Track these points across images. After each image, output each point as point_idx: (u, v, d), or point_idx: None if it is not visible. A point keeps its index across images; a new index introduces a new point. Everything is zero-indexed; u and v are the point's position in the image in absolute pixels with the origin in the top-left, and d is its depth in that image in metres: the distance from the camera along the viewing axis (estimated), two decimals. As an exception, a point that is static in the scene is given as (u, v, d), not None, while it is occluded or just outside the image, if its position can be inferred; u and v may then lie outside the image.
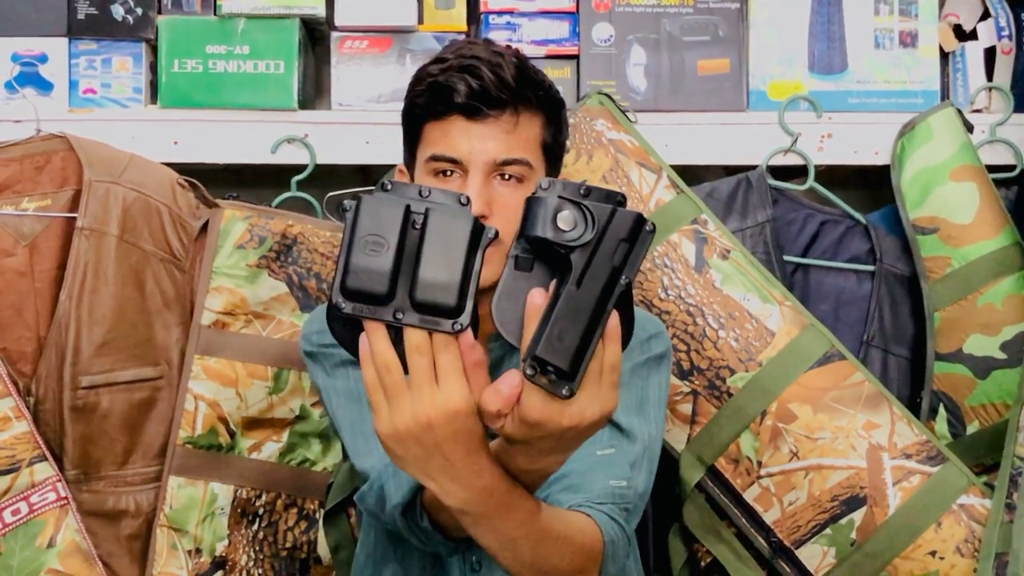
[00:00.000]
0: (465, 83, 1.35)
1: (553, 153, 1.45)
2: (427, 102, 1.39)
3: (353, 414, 1.41)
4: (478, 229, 1.00)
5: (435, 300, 0.98)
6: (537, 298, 1.00)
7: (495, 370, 1.42)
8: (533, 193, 1.02)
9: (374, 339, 1.00)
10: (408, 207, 0.99)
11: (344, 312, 0.99)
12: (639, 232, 1.01)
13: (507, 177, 1.38)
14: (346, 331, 1.04)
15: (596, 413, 1.01)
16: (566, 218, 0.99)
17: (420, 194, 1.01)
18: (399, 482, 1.24)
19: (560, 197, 1.00)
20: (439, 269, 0.98)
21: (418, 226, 1.00)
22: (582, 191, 1.02)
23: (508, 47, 1.42)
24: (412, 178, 1.45)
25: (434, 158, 1.39)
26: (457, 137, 1.37)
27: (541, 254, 1.02)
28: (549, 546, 1.14)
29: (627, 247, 1.00)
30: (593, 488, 1.28)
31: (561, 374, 0.98)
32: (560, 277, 1.00)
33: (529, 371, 0.98)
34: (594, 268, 0.99)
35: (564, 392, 0.98)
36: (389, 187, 1.02)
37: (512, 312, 1.03)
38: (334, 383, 1.45)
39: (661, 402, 1.47)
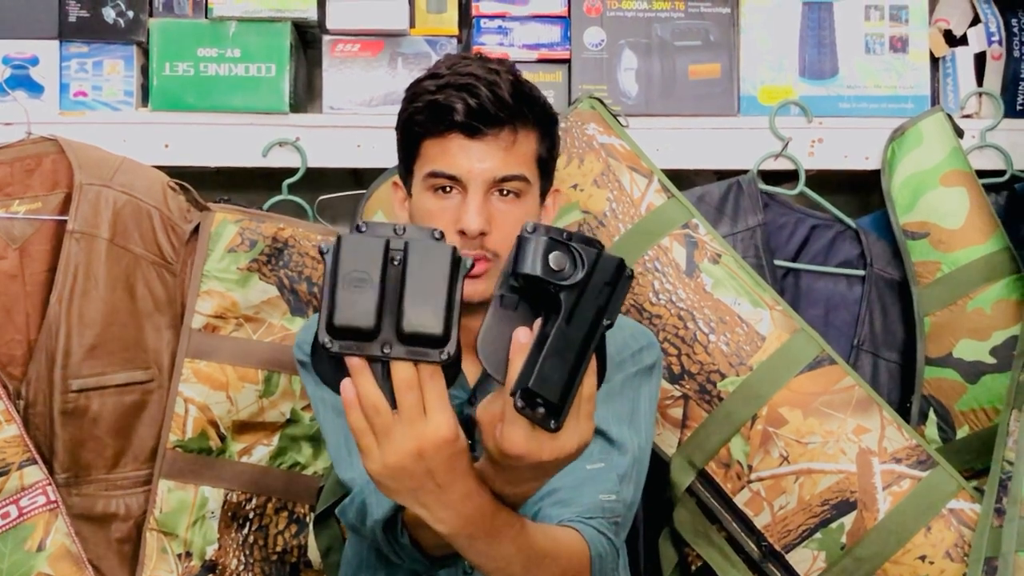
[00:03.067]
0: (463, 102, 1.36)
1: (548, 167, 1.47)
2: (425, 120, 1.40)
3: (339, 426, 1.42)
4: (456, 259, 1.02)
5: (422, 330, 1.00)
6: (523, 336, 1.02)
7: (481, 386, 1.45)
8: (520, 234, 1.04)
9: (360, 381, 1.01)
10: (387, 243, 1.01)
11: (332, 351, 1.00)
12: (620, 276, 1.04)
13: (505, 193, 1.40)
14: (332, 371, 1.05)
15: (575, 444, 1.03)
16: (557, 258, 1.02)
17: (395, 231, 1.03)
18: (380, 498, 1.25)
19: (548, 235, 1.03)
20: (423, 300, 1.00)
21: (398, 261, 1.01)
22: (565, 236, 1.04)
23: (501, 62, 1.43)
24: (409, 192, 1.46)
25: (433, 174, 1.40)
26: (456, 155, 1.38)
27: (526, 294, 1.05)
28: (539, 564, 1.16)
29: (610, 290, 1.03)
30: (582, 503, 1.30)
31: (550, 408, 1.00)
32: (546, 316, 1.03)
33: (520, 404, 1.00)
34: (582, 307, 1.02)
35: (552, 425, 1.01)
36: (364, 228, 1.04)
37: (497, 349, 1.05)
38: (322, 394, 1.46)
39: (651, 413, 1.49)
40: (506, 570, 1.14)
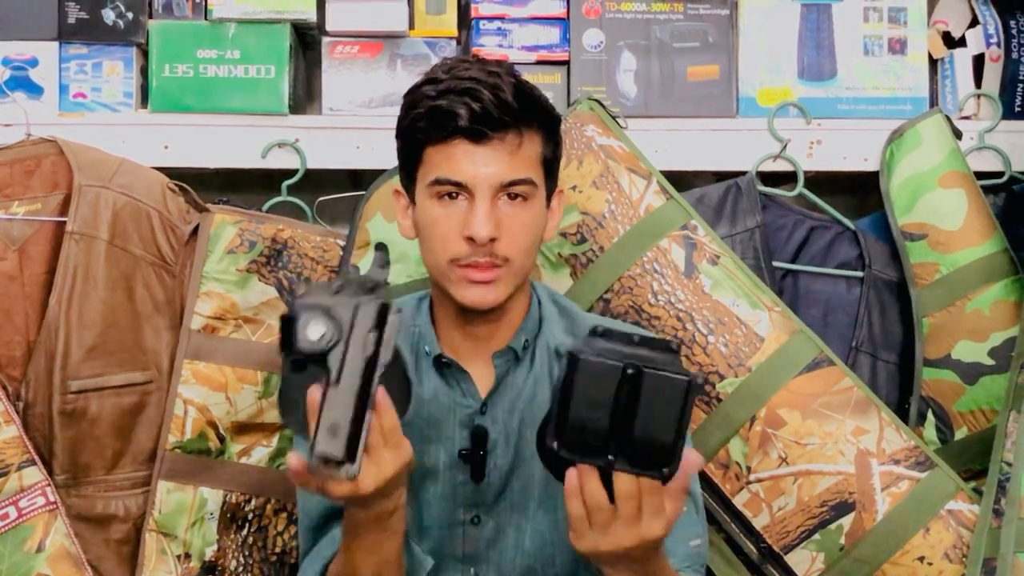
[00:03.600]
0: (466, 107, 1.35)
1: (552, 168, 1.46)
2: (427, 126, 1.38)
3: (306, 503, 1.47)
4: (690, 388, 1.08)
5: (650, 456, 1.09)
6: (315, 394, 1.11)
7: (500, 384, 1.46)
8: (289, 304, 1.14)
9: (587, 480, 1.11)
10: (624, 369, 1.08)
11: (561, 456, 1.11)
12: (385, 317, 1.13)
13: (513, 197, 1.39)
14: (556, 463, 1.13)
15: (391, 470, 1.16)
16: (315, 329, 1.11)
17: (632, 339, 1.11)
18: (312, 569, 1.40)
19: (305, 306, 1.12)
20: (655, 430, 1.08)
21: (630, 373, 1.08)
22: (334, 288, 1.14)
23: (500, 63, 1.42)
24: (412, 200, 1.45)
25: (438, 182, 1.38)
26: (461, 161, 1.37)
27: (313, 360, 1.13)
28: None
29: (376, 335, 1.12)
30: (678, 552, 1.36)
31: (340, 463, 1.09)
32: (327, 375, 1.11)
33: (315, 466, 1.09)
34: (349, 364, 1.11)
35: (346, 475, 1.10)
36: (601, 338, 1.12)
37: (297, 411, 1.16)
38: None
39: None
40: None
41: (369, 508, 1.21)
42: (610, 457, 1.09)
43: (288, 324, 1.12)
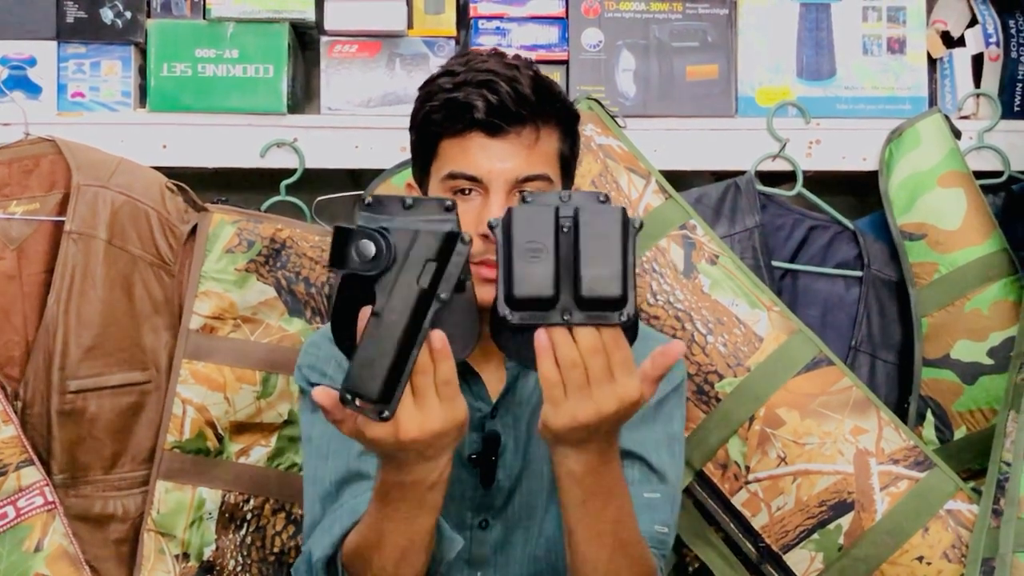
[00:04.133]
0: (484, 99, 1.32)
1: (570, 166, 1.43)
2: (443, 118, 1.36)
3: (316, 469, 1.40)
4: (627, 220, 1.04)
5: (602, 294, 1.02)
6: (366, 314, 1.03)
7: (511, 387, 1.44)
8: (336, 225, 1.05)
9: (558, 338, 1.05)
10: (557, 210, 1.03)
11: (513, 323, 1.04)
12: (451, 248, 1.04)
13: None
14: (514, 342, 1.08)
15: (439, 424, 1.06)
16: (363, 247, 1.03)
17: (561, 199, 1.04)
18: (321, 540, 1.28)
19: (361, 227, 1.04)
20: (599, 264, 1.02)
21: (567, 228, 1.03)
22: (406, 204, 1.06)
23: (519, 57, 1.39)
24: (426, 193, 1.42)
25: (452, 175, 1.36)
26: (476, 155, 1.34)
27: (363, 283, 1.05)
28: (624, 547, 1.21)
29: (435, 265, 1.03)
30: (642, 530, 1.29)
31: (374, 402, 1.01)
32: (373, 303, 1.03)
33: (346, 398, 1.02)
34: (398, 294, 1.02)
35: (379, 415, 1.02)
36: (529, 199, 1.06)
37: (348, 332, 1.06)
38: (310, 431, 1.42)
39: (683, 435, 1.48)
40: (600, 538, 1.18)
41: (406, 471, 1.11)
42: (566, 316, 1.04)
43: (340, 235, 1.04)
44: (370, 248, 1.03)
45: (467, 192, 1.36)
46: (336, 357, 1.43)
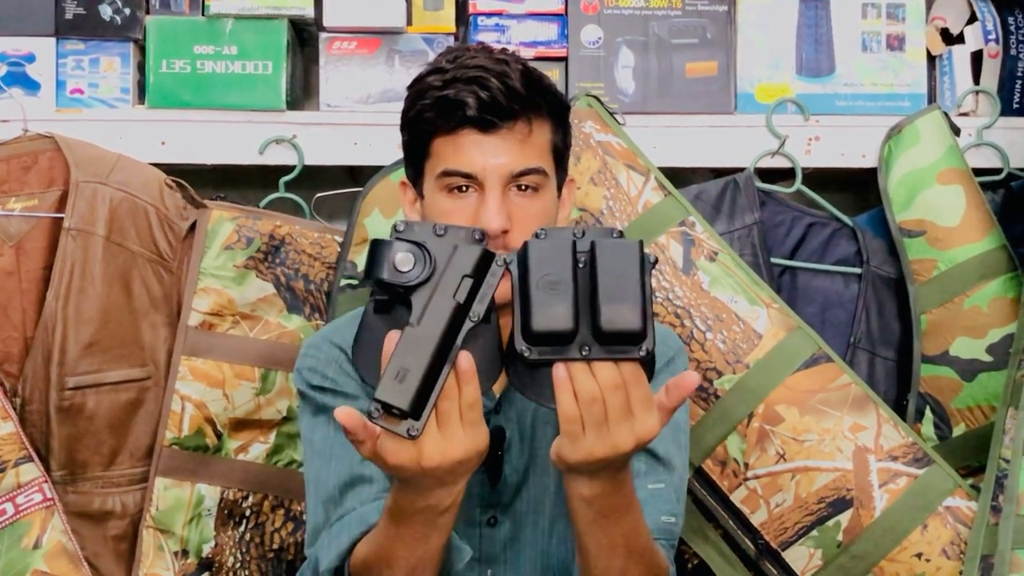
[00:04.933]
0: (475, 96, 1.31)
1: (563, 157, 1.42)
2: (435, 116, 1.35)
3: (319, 472, 1.39)
4: (643, 255, 1.03)
5: (622, 327, 1.00)
6: (394, 337, 1.02)
7: (507, 395, 1.43)
8: (374, 238, 1.06)
9: (575, 371, 1.03)
10: (574, 244, 1.02)
11: (531, 358, 1.02)
12: (486, 267, 1.04)
13: (523, 188, 1.35)
14: (529, 378, 1.06)
15: (461, 452, 1.05)
16: (403, 259, 1.03)
17: (575, 234, 1.04)
18: (329, 549, 1.28)
19: (400, 239, 1.04)
20: (619, 298, 1.00)
21: (584, 263, 1.02)
22: (438, 230, 1.05)
23: (506, 51, 1.39)
24: (420, 193, 1.41)
25: (447, 173, 1.35)
26: (470, 151, 1.33)
27: (398, 296, 1.04)
28: (640, 557, 1.22)
29: (471, 282, 1.03)
30: (649, 522, 1.28)
31: (405, 414, 1.00)
32: (408, 316, 1.02)
33: (374, 413, 1.00)
34: (434, 307, 1.01)
35: (407, 432, 1.00)
36: (542, 235, 1.04)
37: (372, 355, 1.05)
38: (311, 435, 1.41)
39: (688, 426, 1.47)
40: (612, 551, 1.18)
41: (422, 496, 1.10)
42: (584, 351, 1.02)
43: (376, 248, 1.04)
44: (409, 259, 1.03)
45: (463, 189, 1.35)
46: (337, 360, 1.42)
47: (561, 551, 1.44)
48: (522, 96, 1.33)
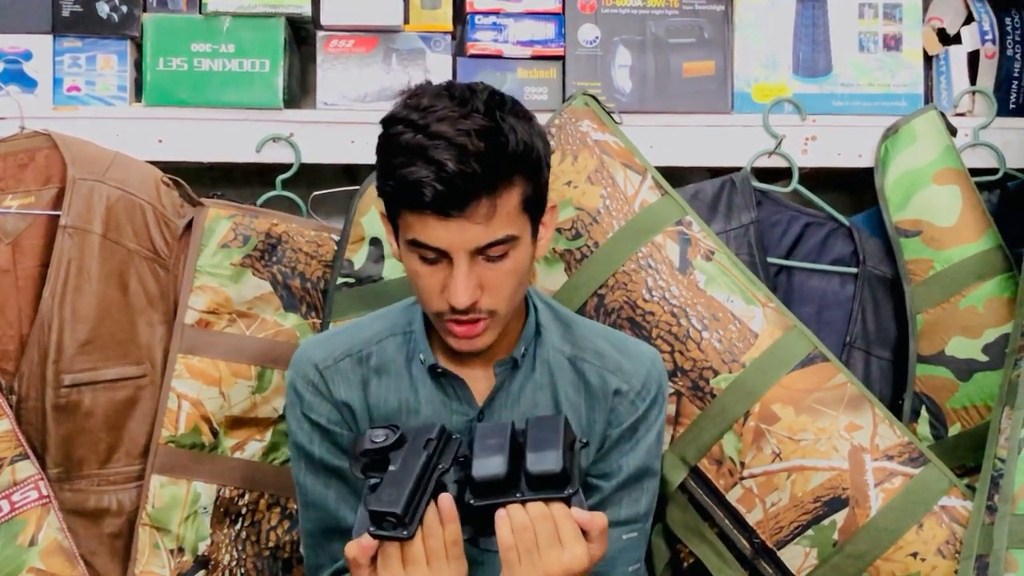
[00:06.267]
0: (431, 187, 1.27)
1: (536, 202, 1.38)
2: (398, 194, 1.33)
3: (303, 512, 1.51)
4: (567, 422, 1.28)
5: (546, 470, 1.23)
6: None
7: (498, 392, 1.46)
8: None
9: (512, 509, 1.24)
10: (512, 423, 1.30)
11: (476, 505, 1.25)
12: (446, 437, 1.31)
13: (492, 257, 1.33)
14: (477, 528, 1.28)
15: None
16: (375, 433, 1.29)
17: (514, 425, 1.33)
18: None
19: (375, 427, 1.33)
20: (544, 448, 1.24)
21: (520, 432, 1.28)
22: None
23: (474, 102, 1.31)
24: (396, 239, 1.40)
25: (415, 243, 1.33)
26: (435, 229, 1.31)
27: (376, 462, 1.28)
28: None
29: (435, 443, 1.28)
30: (616, 571, 1.46)
31: (398, 519, 1.20)
32: (387, 471, 1.26)
33: (372, 529, 1.22)
34: (408, 456, 1.26)
35: (404, 533, 1.21)
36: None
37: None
38: (297, 474, 1.51)
39: (659, 463, 1.56)
40: None
41: None
42: (519, 494, 1.24)
43: (354, 441, 1.33)
44: (380, 434, 1.29)
45: (433, 261, 1.34)
46: (313, 382, 1.49)
47: None
48: (479, 176, 1.28)
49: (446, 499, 1.23)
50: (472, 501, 1.25)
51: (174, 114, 1.94)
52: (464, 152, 1.27)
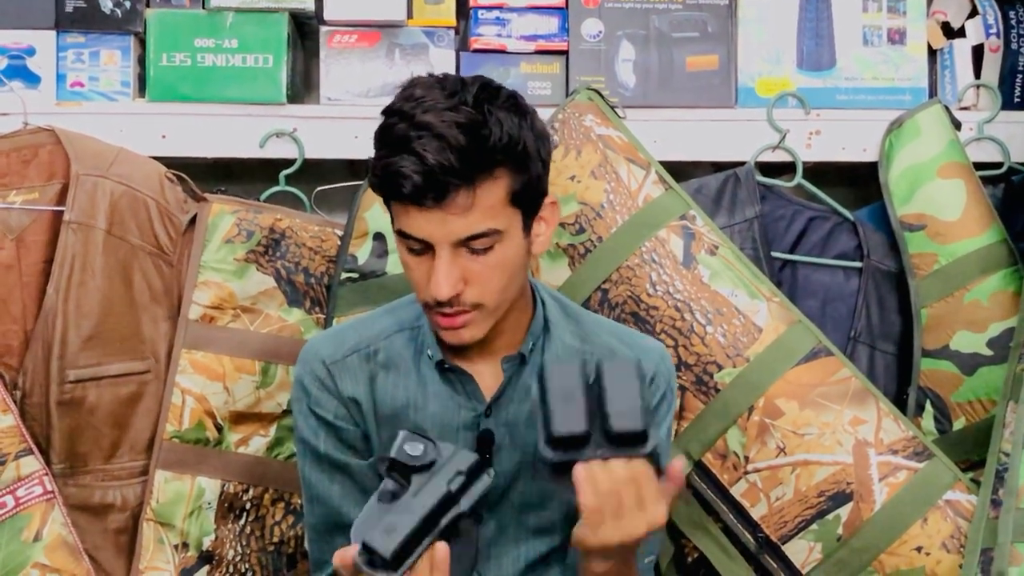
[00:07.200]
0: (409, 178, 1.27)
1: (528, 197, 1.36)
2: (382, 184, 1.33)
3: (308, 506, 1.50)
4: (640, 368, 1.23)
5: (629, 429, 1.19)
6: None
7: (506, 387, 1.45)
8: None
9: (595, 469, 1.21)
10: (584, 363, 1.23)
11: (553, 460, 1.21)
12: (479, 472, 1.26)
13: (474, 249, 1.33)
14: (555, 473, 1.24)
15: None
16: (412, 446, 1.25)
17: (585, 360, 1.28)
18: None
19: (409, 431, 1.27)
20: (624, 407, 1.20)
21: (592, 380, 1.22)
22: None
23: (465, 94, 1.31)
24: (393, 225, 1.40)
25: (402, 233, 1.34)
26: (416, 220, 1.31)
27: (403, 474, 1.25)
28: None
29: (463, 479, 1.24)
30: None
31: (386, 564, 1.18)
32: (408, 488, 1.24)
33: (360, 557, 1.18)
34: (430, 486, 1.22)
35: None
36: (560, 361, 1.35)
37: (373, 529, 1.22)
38: (302, 466, 1.49)
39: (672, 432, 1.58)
40: None
41: None
42: (599, 451, 1.20)
43: (396, 435, 1.28)
44: (418, 447, 1.25)
45: (420, 252, 1.34)
46: (320, 377, 1.47)
47: (542, 546, 1.47)
48: (457, 169, 1.27)
49: (441, 549, 1.21)
50: (549, 456, 1.21)
51: (178, 109, 1.94)
52: (445, 143, 1.28)
